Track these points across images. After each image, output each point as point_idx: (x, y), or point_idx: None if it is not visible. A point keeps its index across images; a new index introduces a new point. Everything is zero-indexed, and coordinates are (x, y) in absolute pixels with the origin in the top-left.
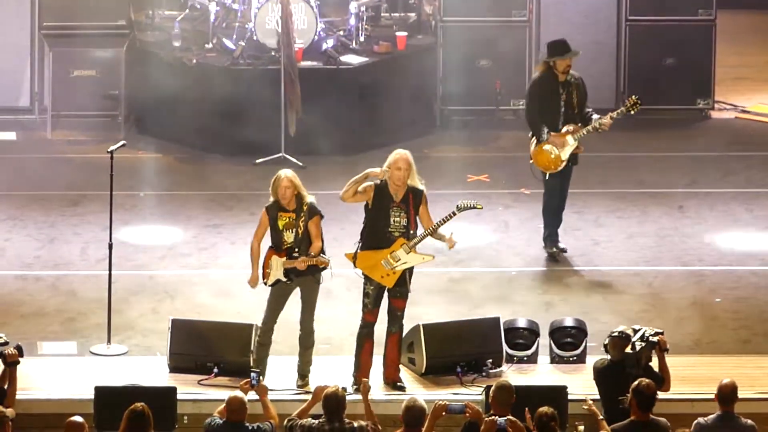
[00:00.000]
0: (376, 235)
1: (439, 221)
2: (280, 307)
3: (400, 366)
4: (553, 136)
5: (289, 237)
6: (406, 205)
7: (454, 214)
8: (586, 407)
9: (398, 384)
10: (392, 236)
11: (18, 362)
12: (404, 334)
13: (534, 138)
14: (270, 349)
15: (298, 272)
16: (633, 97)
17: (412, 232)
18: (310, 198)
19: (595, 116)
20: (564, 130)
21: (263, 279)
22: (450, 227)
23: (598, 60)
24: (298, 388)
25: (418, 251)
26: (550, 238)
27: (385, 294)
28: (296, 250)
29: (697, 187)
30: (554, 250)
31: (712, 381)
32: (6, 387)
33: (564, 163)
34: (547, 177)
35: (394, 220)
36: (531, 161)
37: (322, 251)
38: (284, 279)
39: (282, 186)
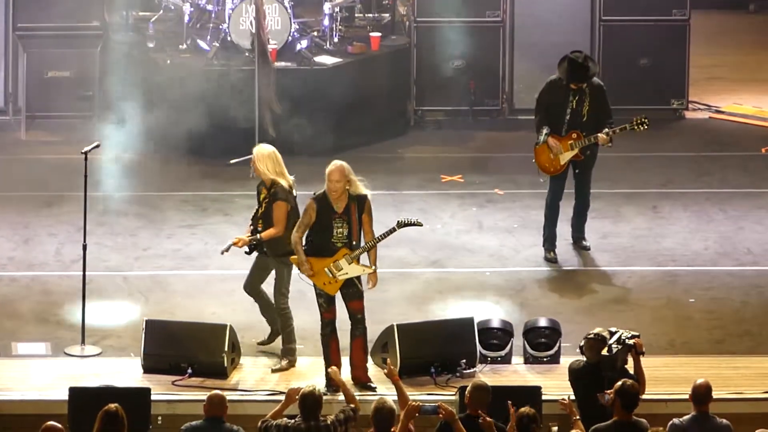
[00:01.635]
0: (320, 245)
1: (380, 235)
2: (257, 278)
3: (371, 366)
4: (555, 140)
5: (259, 212)
6: (348, 215)
7: (395, 230)
8: (562, 407)
9: (368, 384)
10: (335, 246)
11: None
12: (379, 334)
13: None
14: (269, 309)
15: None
16: (642, 116)
17: (355, 242)
18: (283, 182)
19: (606, 129)
20: (567, 135)
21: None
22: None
23: None
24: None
25: (359, 262)
26: (549, 241)
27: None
28: (259, 225)
29: (672, 187)
30: (552, 254)
31: (687, 381)
32: None
33: (562, 168)
34: (544, 179)
35: (336, 232)
36: (533, 160)
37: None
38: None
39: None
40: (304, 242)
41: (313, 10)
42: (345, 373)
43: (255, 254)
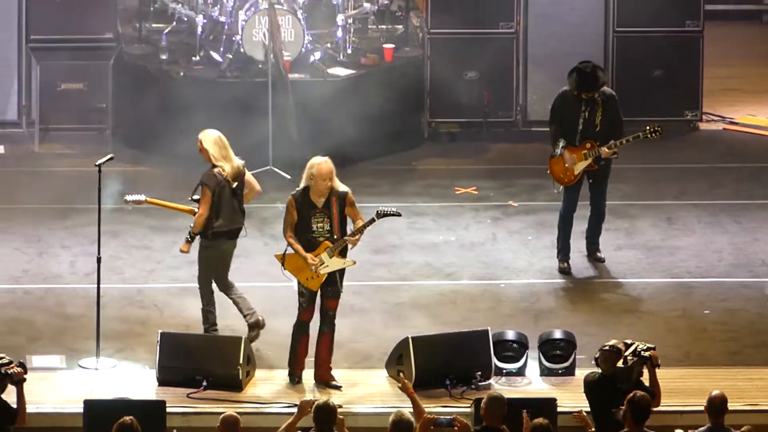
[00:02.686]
0: (301, 241)
1: (360, 227)
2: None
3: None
4: (569, 151)
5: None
6: (328, 209)
7: (374, 220)
8: (576, 420)
9: (332, 383)
10: (318, 241)
11: (24, 379)
12: (393, 346)
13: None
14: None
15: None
16: (655, 125)
17: (336, 236)
18: (226, 166)
19: (612, 141)
20: (581, 146)
21: None
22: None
23: None
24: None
25: (341, 256)
26: (563, 251)
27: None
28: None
29: (686, 198)
30: (565, 264)
31: (702, 393)
32: (17, 406)
33: (577, 178)
34: (559, 190)
35: (317, 227)
36: (548, 171)
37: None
38: None
39: None
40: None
41: (326, 22)
42: (308, 372)
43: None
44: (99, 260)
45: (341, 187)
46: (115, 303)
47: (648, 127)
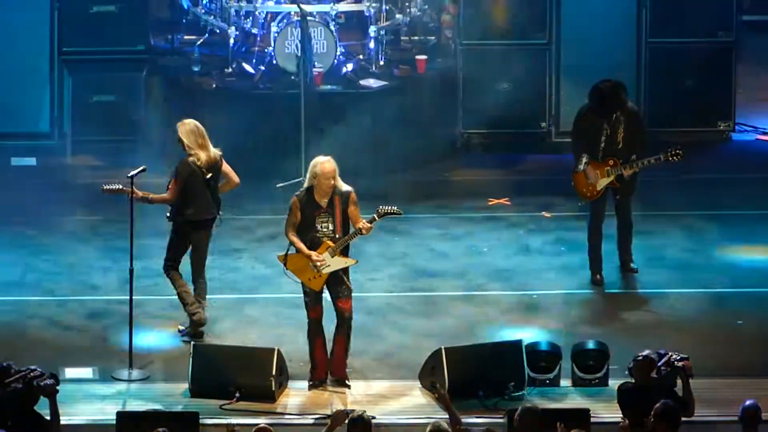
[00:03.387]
0: (304, 241)
1: (361, 226)
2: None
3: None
4: (593, 166)
5: None
6: (332, 209)
7: (375, 219)
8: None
9: (345, 382)
10: (320, 241)
11: (57, 391)
12: (426, 357)
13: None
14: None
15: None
16: (676, 147)
17: (338, 235)
18: (202, 155)
19: (634, 159)
20: (604, 162)
21: None
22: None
23: None
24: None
25: (342, 255)
26: (594, 264)
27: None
28: None
29: (719, 209)
30: (598, 277)
31: (735, 403)
32: (50, 417)
33: (599, 194)
34: (582, 203)
35: (321, 227)
36: (572, 184)
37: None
38: None
39: None
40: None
41: (358, 34)
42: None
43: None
44: (132, 272)
45: (344, 187)
46: (148, 314)
47: (669, 150)
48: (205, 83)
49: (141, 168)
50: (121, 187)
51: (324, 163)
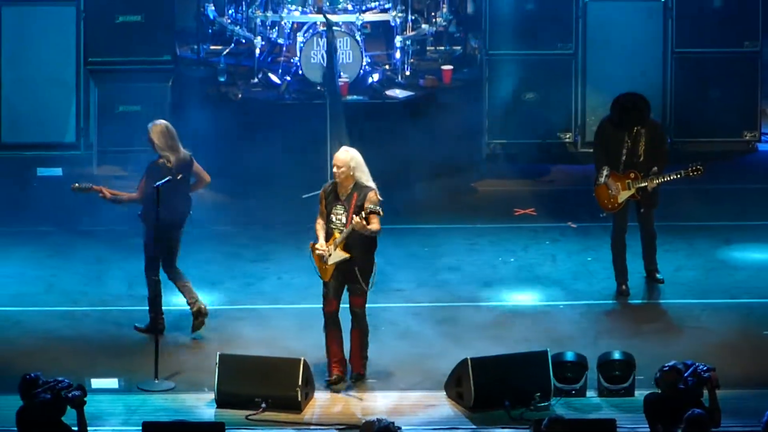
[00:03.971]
0: (325, 230)
1: (353, 224)
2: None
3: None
4: (614, 178)
5: None
6: (348, 203)
7: (363, 218)
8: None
9: (360, 374)
10: (332, 231)
11: (84, 402)
12: (453, 368)
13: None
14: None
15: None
16: (697, 163)
17: (346, 228)
18: (171, 156)
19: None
20: (625, 174)
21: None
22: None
23: (643, 92)
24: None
25: (345, 249)
26: (620, 274)
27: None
28: None
29: (744, 219)
30: (624, 287)
31: (760, 414)
32: (77, 428)
33: (620, 206)
34: (604, 214)
35: (336, 217)
36: (594, 195)
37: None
38: None
39: None
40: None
41: (384, 44)
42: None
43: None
44: (158, 282)
45: (368, 182)
46: (174, 325)
47: (691, 166)
48: (230, 93)
49: (167, 178)
50: (91, 185)
51: (338, 152)
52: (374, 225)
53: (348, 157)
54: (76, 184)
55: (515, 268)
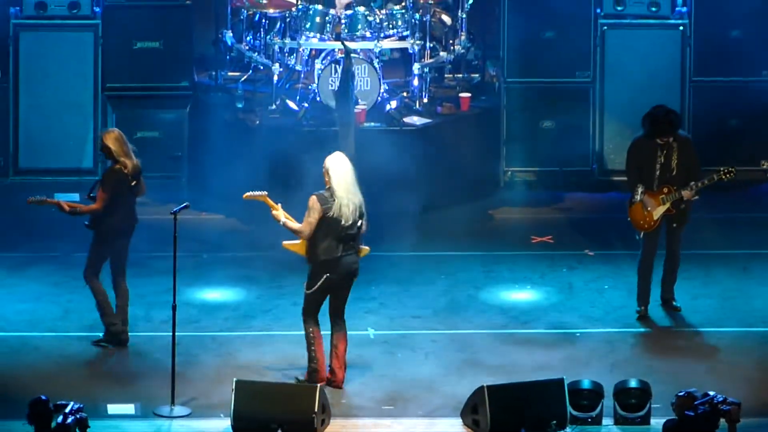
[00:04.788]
0: None
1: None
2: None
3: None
4: (648, 196)
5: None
6: None
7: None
8: None
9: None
10: None
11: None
12: (469, 395)
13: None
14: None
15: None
16: (729, 167)
17: None
18: (127, 162)
19: (692, 183)
20: (659, 190)
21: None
22: None
23: None
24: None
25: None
26: (641, 297)
27: None
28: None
29: (762, 248)
30: (642, 308)
31: None
32: None
33: (656, 224)
34: (640, 236)
35: None
36: (628, 218)
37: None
38: None
39: None
40: None
41: (402, 71)
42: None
43: None
44: (174, 308)
45: (326, 188)
46: (190, 351)
47: (722, 169)
48: (248, 120)
49: (184, 204)
50: (45, 198)
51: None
52: (292, 224)
53: (326, 163)
54: (31, 198)
55: (532, 295)
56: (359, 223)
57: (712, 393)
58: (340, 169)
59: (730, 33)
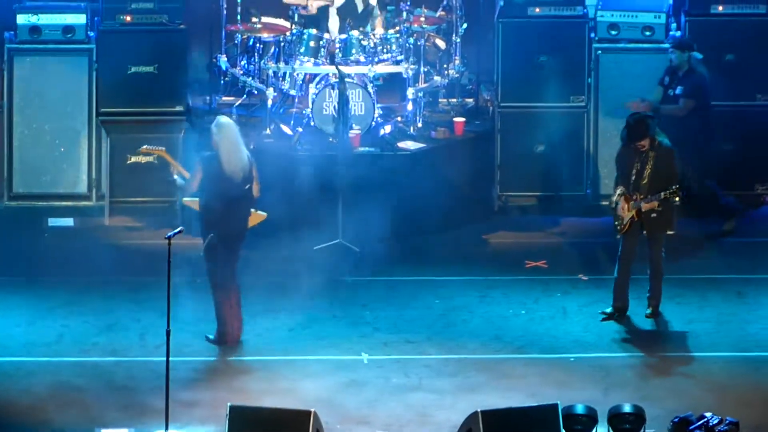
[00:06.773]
0: None
1: None
2: None
3: None
4: (624, 200)
5: None
6: None
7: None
8: None
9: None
10: None
11: None
12: (463, 420)
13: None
14: None
15: None
16: (675, 188)
17: None
18: None
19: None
20: (630, 196)
21: None
22: None
23: None
24: None
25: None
26: (613, 296)
27: None
28: None
29: (756, 272)
30: (611, 309)
31: None
32: None
33: (627, 227)
34: (618, 236)
35: None
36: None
37: None
38: None
39: None
40: None
41: (396, 96)
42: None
43: None
44: (168, 333)
45: None
46: (184, 376)
47: (669, 189)
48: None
49: (178, 229)
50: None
51: None
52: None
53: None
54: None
55: (526, 320)
56: (247, 186)
57: (708, 415)
58: (223, 129)
59: (725, 57)
